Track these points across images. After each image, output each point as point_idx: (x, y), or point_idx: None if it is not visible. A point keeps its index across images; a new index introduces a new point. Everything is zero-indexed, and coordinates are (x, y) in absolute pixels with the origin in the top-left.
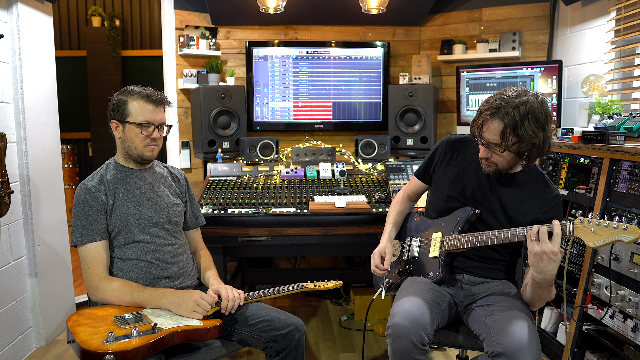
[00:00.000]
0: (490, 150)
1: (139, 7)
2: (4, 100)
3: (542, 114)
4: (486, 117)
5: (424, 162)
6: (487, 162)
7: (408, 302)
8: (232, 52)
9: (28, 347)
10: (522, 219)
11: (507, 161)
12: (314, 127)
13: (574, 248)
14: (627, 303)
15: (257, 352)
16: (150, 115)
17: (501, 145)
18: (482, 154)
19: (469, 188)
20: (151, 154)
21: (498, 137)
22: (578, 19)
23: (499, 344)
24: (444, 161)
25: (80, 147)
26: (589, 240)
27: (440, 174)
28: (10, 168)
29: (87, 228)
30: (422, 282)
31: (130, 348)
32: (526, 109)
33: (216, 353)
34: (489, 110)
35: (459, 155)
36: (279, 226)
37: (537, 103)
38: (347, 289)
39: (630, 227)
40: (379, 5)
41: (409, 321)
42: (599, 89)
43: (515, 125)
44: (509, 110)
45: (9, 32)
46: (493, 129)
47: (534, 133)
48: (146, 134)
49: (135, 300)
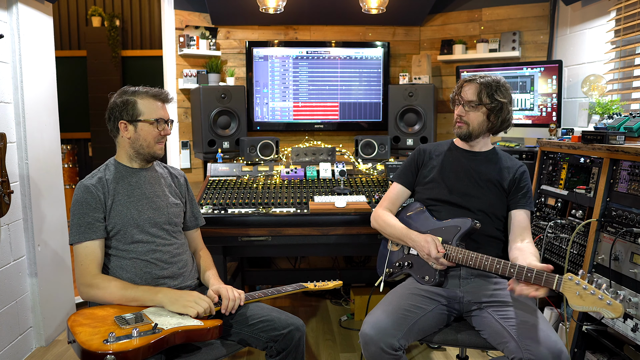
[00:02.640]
0: (465, 108)
1: (139, 7)
2: (4, 100)
3: (509, 90)
4: (465, 82)
5: (405, 169)
6: (461, 121)
7: (379, 311)
8: (232, 52)
9: (28, 347)
10: (503, 183)
11: (478, 122)
12: (314, 127)
13: (574, 248)
14: (627, 303)
15: (257, 352)
16: (161, 112)
17: (476, 101)
18: (458, 112)
19: (450, 171)
20: (161, 151)
21: (475, 95)
22: (578, 19)
23: (529, 350)
24: (425, 162)
25: (80, 147)
26: (572, 302)
27: (424, 174)
28: (10, 168)
29: (84, 226)
30: (408, 287)
31: (131, 348)
32: (497, 80)
33: (216, 353)
34: (469, 78)
35: (435, 154)
36: (279, 226)
37: (505, 83)
38: (347, 289)
39: (615, 304)
40: (379, 5)
41: (375, 330)
42: (599, 89)
43: (489, 88)
44: (485, 78)
45: (9, 32)
46: (471, 89)
47: (503, 97)
48: (161, 130)
49: (128, 296)
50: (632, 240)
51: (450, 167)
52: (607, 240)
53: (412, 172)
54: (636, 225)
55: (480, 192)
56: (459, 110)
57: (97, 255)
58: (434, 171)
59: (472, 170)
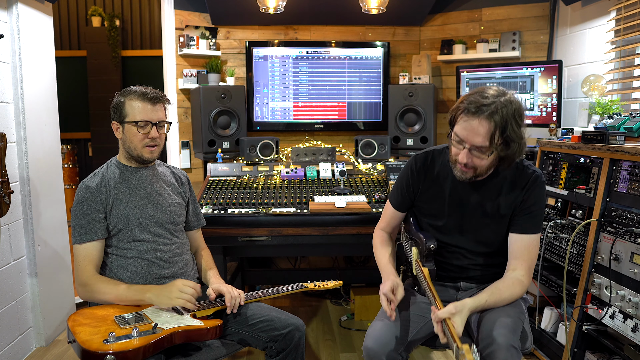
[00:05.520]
0: (473, 154)
1: (139, 7)
2: (4, 100)
3: (523, 113)
4: (470, 115)
5: (398, 191)
6: (466, 167)
7: (381, 323)
8: (232, 52)
9: (28, 347)
10: (506, 211)
11: (488, 165)
12: (314, 127)
13: (574, 248)
14: (627, 303)
15: (257, 352)
16: (147, 113)
17: (490, 148)
18: (462, 158)
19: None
20: (150, 155)
21: (487, 139)
22: (578, 19)
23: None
24: (419, 183)
25: (80, 147)
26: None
27: (418, 198)
28: (10, 168)
29: (85, 227)
30: (409, 292)
31: (131, 348)
32: (512, 108)
33: (216, 353)
34: (475, 109)
35: (429, 171)
36: (279, 226)
37: (518, 102)
38: (347, 289)
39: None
40: (379, 5)
41: (378, 344)
42: (599, 89)
43: (504, 126)
44: (498, 111)
45: (9, 32)
46: (481, 131)
47: (520, 134)
48: (143, 133)
49: (121, 296)
50: (632, 240)
51: (454, 201)
52: (607, 240)
53: (404, 195)
54: (636, 225)
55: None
56: (462, 155)
57: (95, 256)
58: (433, 202)
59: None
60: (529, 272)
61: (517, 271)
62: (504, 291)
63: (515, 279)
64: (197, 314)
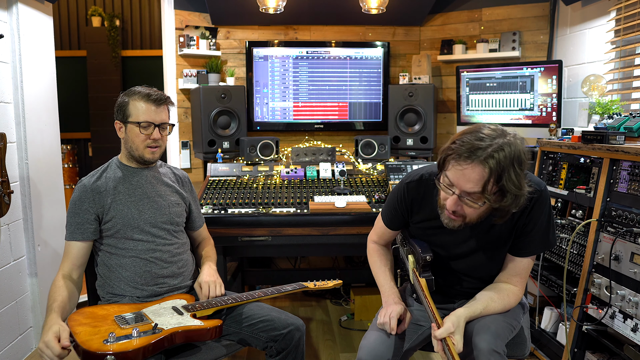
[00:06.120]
0: (463, 201)
1: (139, 7)
2: (4, 100)
3: (524, 159)
4: (461, 161)
5: (391, 212)
6: (455, 215)
7: (376, 334)
8: (232, 52)
9: (28, 347)
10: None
11: (479, 215)
12: (314, 127)
13: (574, 248)
14: (627, 303)
15: (257, 352)
16: (151, 115)
17: (482, 197)
18: (451, 205)
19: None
20: (151, 156)
21: (479, 186)
22: (578, 19)
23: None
24: (412, 210)
25: (80, 147)
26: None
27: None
28: (10, 168)
29: (74, 226)
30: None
31: (131, 348)
32: (511, 152)
33: (216, 353)
34: (467, 154)
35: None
36: (279, 226)
37: (519, 145)
38: (347, 289)
39: None
40: (379, 5)
41: (373, 357)
42: (599, 89)
43: (500, 173)
44: (493, 152)
45: (9, 32)
46: (473, 177)
47: (518, 184)
48: (146, 134)
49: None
50: (632, 240)
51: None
52: (607, 240)
53: (397, 217)
54: (636, 225)
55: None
56: (451, 201)
57: (74, 255)
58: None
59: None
60: (524, 287)
61: (513, 286)
62: (498, 302)
63: (510, 290)
64: (197, 313)
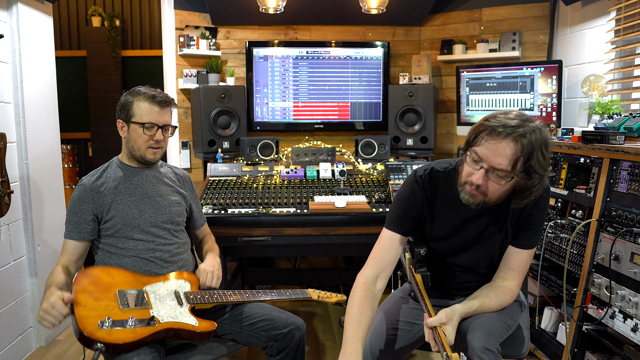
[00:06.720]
0: (489, 177)
1: (139, 7)
2: (4, 100)
3: (550, 145)
4: (495, 137)
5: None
6: (477, 190)
7: (372, 334)
8: (232, 52)
9: (28, 347)
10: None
11: (500, 194)
12: (313, 127)
13: (574, 248)
14: (627, 303)
15: (258, 352)
16: (155, 116)
17: (509, 174)
18: (477, 179)
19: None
20: (153, 156)
21: (510, 163)
22: (578, 19)
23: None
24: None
25: (80, 147)
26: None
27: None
28: (10, 168)
29: (72, 224)
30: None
31: (121, 342)
32: (542, 136)
33: (216, 352)
34: (502, 130)
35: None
36: (279, 226)
37: (547, 132)
38: (347, 289)
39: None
40: (379, 5)
41: (365, 357)
42: (599, 89)
43: (531, 152)
44: (526, 132)
45: (9, 32)
46: (506, 152)
47: (544, 166)
48: (149, 135)
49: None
50: (632, 240)
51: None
52: (607, 240)
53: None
54: (636, 225)
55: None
56: (478, 175)
57: (69, 252)
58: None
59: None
60: (520, 284)
61: (510, 282)
62: (494, 300)
63: (506, 288)
64: (195, 306)
